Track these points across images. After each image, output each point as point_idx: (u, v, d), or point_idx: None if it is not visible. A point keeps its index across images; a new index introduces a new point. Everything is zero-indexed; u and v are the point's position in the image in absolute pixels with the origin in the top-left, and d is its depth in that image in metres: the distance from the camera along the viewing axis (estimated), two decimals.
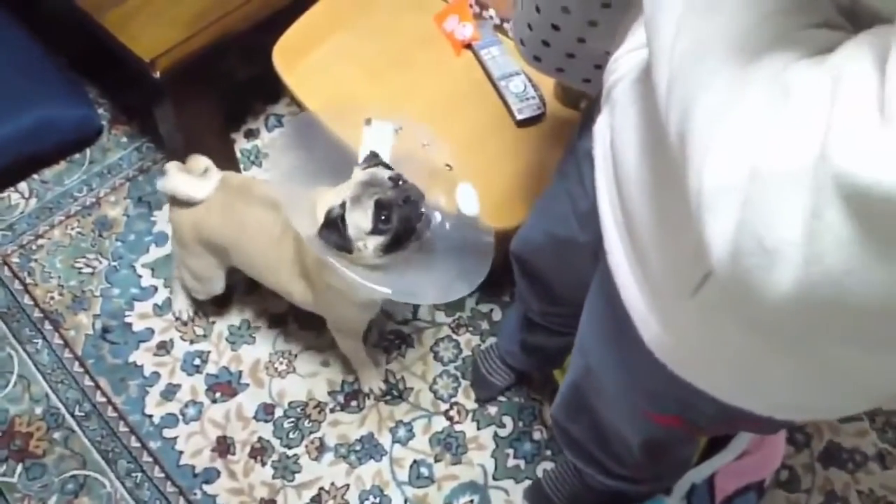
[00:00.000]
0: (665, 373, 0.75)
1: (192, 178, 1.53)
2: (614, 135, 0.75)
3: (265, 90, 2.10)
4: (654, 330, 0.73)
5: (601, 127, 0.79)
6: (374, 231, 1.23)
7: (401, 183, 1.25)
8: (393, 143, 1.38)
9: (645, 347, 0.75)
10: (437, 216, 1.32)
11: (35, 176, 1.99)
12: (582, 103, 1.59)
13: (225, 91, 2.02)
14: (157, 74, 1.72)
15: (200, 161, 1.55)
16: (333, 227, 1.22)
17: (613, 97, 0.77)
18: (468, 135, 1.59)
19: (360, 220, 1.23)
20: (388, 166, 1.31)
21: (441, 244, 1.33)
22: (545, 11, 0.98)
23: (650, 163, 0.69)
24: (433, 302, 1.74)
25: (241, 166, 2.01)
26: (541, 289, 1.30)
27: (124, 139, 2.06)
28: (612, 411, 0.99)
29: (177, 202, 1.53)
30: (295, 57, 1.68)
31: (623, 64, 0.77)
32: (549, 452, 1.69)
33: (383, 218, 1.22)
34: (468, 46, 1.69)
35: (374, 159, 1.30)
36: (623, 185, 0.73)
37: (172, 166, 1.53)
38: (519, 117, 1.59)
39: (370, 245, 1.24)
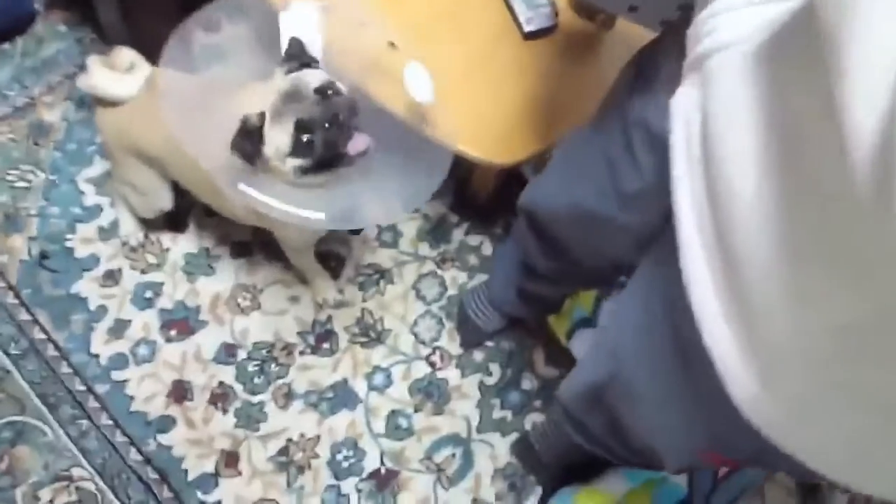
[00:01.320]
0: (744, 427, 0.58)
1: (116, 73, 1.32)
2: (710, 123, 0.54)
3: None
4: (749, 389, 0.55)
5: (685, 106, 0.58)
6: (294, 154, 1.05)
7: (329, 94, 1.06)
8: (321, 26, 1.14)
9: (722, 397, 0.57)
10: (370, 142, 1.08)
11: None
12: (600, 15, 1.36)
13: None
14: None
15: (125, 54, 1.33)
16: (247, 138, 1.04)
17: (709, 69, 0.56)
18: (468, 49, 1.36)
19: (278, 139, 1.05)
20: (315, 61, 1.11)
21: (386, 154, 1.12)
22: None
23: (780, 182, 0.48)
24: (373, 224, 1.57)
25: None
26: (553, 249, 1.11)
27: (62, 28, 1.78)
28: (647, 432, 0.83)
29: (102, 102, 1.33)
30: None
31: (727, 24, 0.55)
32: (538, 403, 1.56)
33: (305, 140, 1.04)
34: None
35: (297, 54, 1.10)
36: (724, 199, 0.53)
37: (94, 60, 1.32)
38: (527, 28, 1.37)
39: (287, 166, 1.07)
